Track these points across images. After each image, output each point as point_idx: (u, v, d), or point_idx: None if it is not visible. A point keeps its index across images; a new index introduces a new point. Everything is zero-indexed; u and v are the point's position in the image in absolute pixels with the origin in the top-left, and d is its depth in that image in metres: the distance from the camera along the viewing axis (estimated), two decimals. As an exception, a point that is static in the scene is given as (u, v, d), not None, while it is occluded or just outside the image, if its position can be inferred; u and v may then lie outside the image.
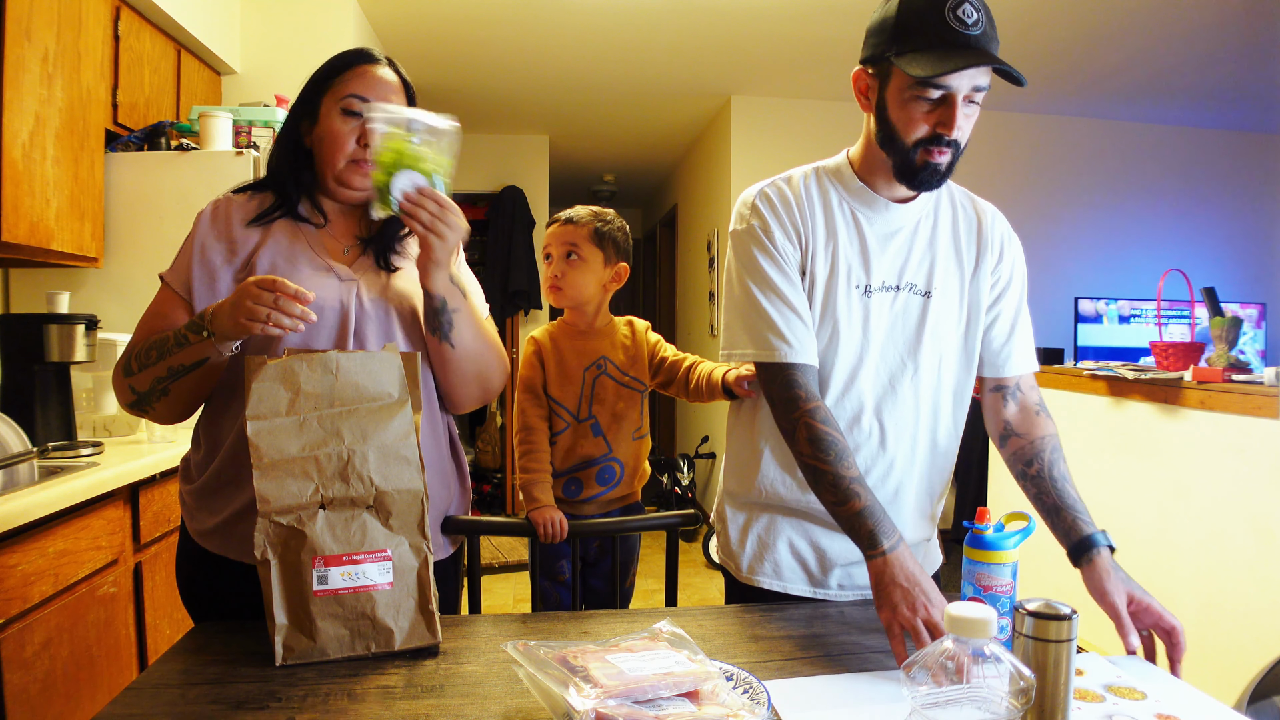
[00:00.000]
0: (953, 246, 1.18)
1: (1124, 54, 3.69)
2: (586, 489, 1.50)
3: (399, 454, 1.01)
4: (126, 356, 1.12)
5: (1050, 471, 1.15)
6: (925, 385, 1.17)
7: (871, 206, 1.15)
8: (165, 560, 1.96)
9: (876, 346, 1.15)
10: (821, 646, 1.03)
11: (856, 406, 1.16)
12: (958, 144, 1.05)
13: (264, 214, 1.17)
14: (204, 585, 1.15)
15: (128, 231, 2.39)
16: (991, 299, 1.20)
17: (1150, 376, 2.48)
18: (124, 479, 1.78)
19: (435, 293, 1.13)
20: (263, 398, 0.99)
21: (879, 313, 1.15)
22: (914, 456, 1.19)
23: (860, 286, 1.15)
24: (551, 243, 1.54)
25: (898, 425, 1.17)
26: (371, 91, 1.17)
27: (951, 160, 1.06)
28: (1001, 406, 1.23)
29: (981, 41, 1.01)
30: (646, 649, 0.86)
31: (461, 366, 1.20)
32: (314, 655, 0.96)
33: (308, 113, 1.19)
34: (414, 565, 1.01)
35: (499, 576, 3.95)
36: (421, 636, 1.00)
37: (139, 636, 1.88)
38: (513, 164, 5.32)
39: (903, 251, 1.16)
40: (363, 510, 0.99)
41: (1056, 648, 0.77)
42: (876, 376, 1.16)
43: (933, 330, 1.16)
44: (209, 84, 2.98)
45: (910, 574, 0.97)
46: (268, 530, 0.96)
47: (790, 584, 1.22)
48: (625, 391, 1.52)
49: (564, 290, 1.52)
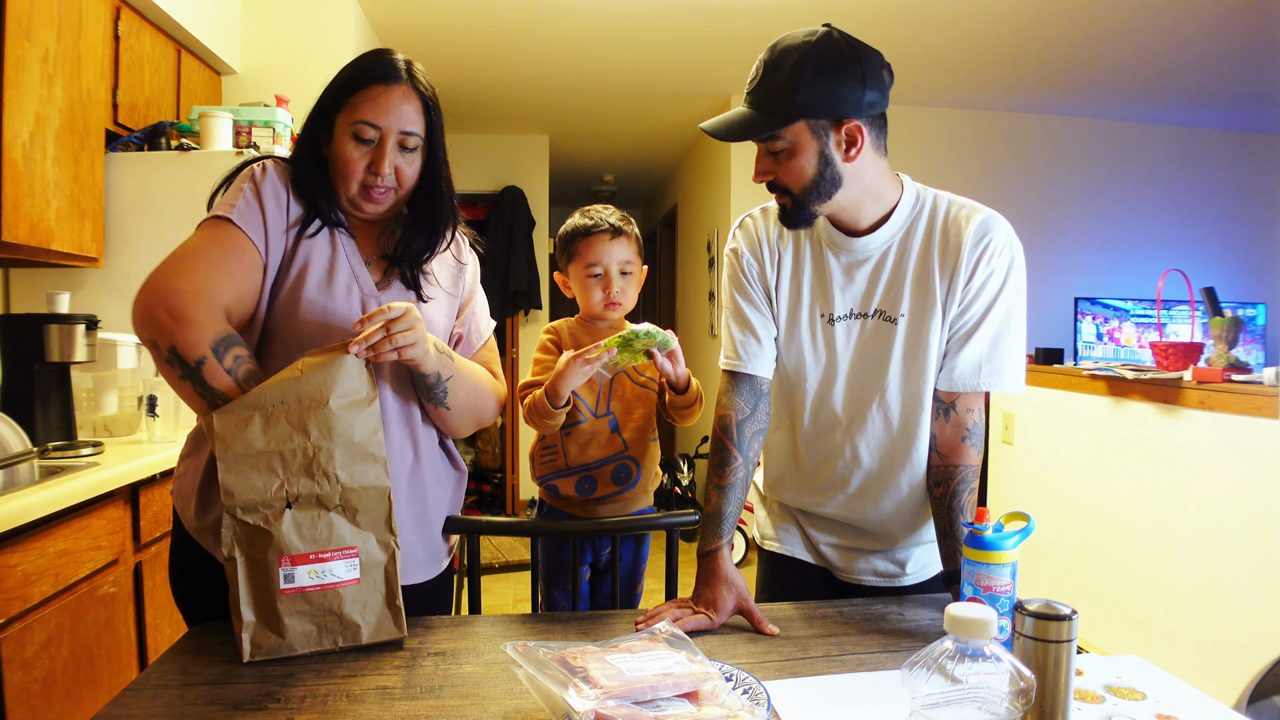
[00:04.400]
0: (924, 271, 1.16)
1: (1125, 54, 3.69)
2: (601, 487, 1.47)
3: (366, 451, 1.01)
4: (207, 356, 0.99)
5: (953, 501, 1.16)
6: (894, 408, 1.19)
7: (835, 239, 1.20)
8: (165, 560, 1.96)
9: (845, 371, 1.20)
10: (821, 647, 1.03)
11: (830, 425, 1.23)
12: (788, 190, 1.11)
13: (305, 217, 1.13)
14: (195, 587, 1.15)
15: (128, 231, 2.39)
16: (957, 313, 1.16)
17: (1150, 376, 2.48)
18: (124, 479, 1.78)
19: (429, 372, 1.11)
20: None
21: (845, 340, 1.20)
22: (891, 475, 1.22)
23: (824, 315, 1.21)
24: (604, 258, 1.46)
25: (870, 447, 1.21)
26: (385, 117, 1.10)
27: (789, 204, 1.12)
28: (934, 419, 1.20)
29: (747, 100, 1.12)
30: (646, 650, 0.86)
31: (458, 419, 1.20)
32: (282, 651, 0.97)
33: (324, 124, 1.14)
34: (381, 561, 1.02)
35: (499, 576, 3.95)
36: (388, 630, 1.02)
37: (139, 636, 1.87)
38: (513, 164, 5.32)
39: (871, 280, 1.19)
40: (329, 508, 0.99)
41: (1056, 648, 0.77)
42: (847, 399, 1.21)
43: (904, 354, 1.17)
44: (209, 84, 2.98)
45: (716, 575, 1.15)
46: (234, 528, 0.96)
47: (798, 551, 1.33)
48: (642, 392, 1.50)
49: (623, 304, 1.50)
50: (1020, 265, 1.17)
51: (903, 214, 1.17)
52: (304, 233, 1.12)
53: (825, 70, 1.04)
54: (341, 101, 1.12)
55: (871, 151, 1.11)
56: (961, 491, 1.16)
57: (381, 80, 1.11)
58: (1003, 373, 1.16)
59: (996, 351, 1.16)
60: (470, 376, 1.20)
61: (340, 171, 1.13)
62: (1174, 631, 2.38)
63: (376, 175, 1.11)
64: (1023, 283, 1.18)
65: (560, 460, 1.47)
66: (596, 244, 1.46)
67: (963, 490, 1.16)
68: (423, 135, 1.14)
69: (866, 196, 1.14)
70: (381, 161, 1.11)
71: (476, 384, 1.21)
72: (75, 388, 2.13)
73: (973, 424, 1.17)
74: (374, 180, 1.12)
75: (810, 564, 1.33)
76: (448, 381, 1.14)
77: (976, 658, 0.66)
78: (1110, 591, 2.64)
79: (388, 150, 1.11)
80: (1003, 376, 1.16)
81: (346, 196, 1.14)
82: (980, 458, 1.19)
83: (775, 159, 1.10)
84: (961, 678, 0.65)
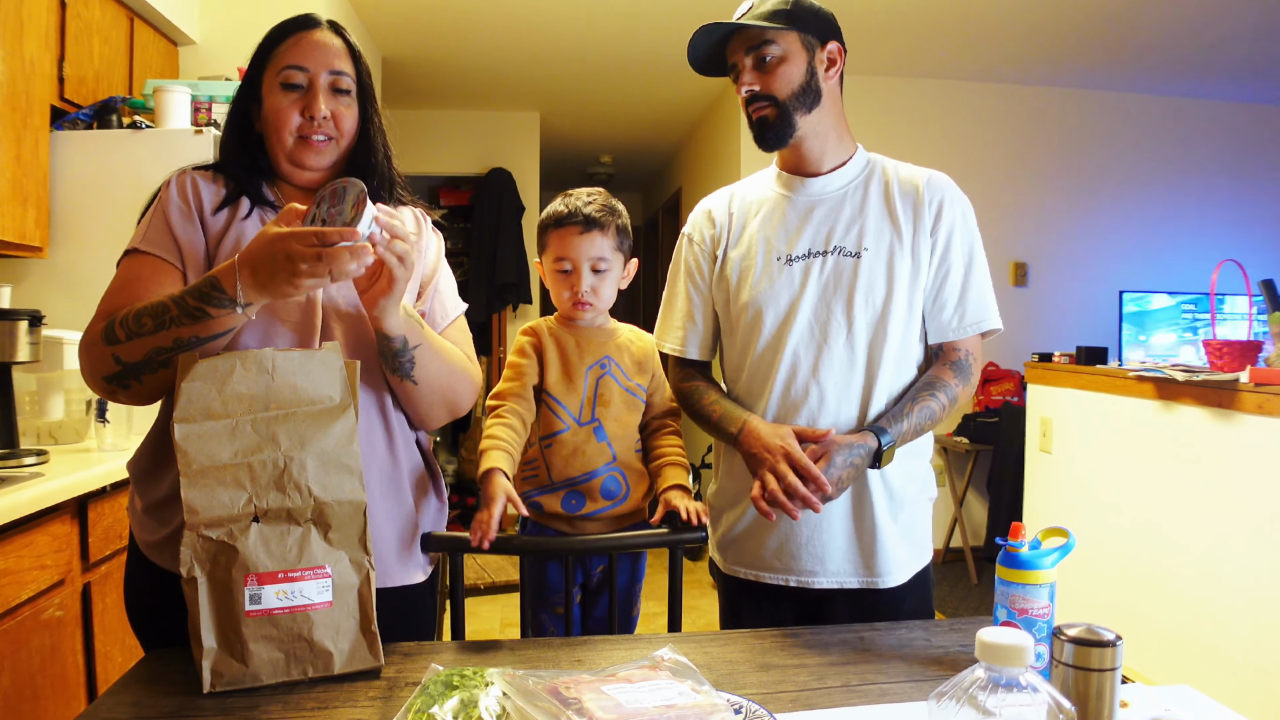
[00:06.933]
0: (884, 210, 1.38)
1: (1172, 23, 3.69)
2: (590, 502, 1.46)
3: (340, 462, 1.01)
4: (106, 323, 1.07)
5: (918, 392, 1.35)
6: (861, 341, 1.35)
7: (790, 185, 1.42)
8: (117, 581, 1.96)
9: (808, 307, 1.36)
10: (839, 675, 1.03)
11: (790, 368, 1.37)
12: (773, 98, 1.32)
13: (228, 200, 1.18)
14: (151, 609, 1.15)
15: (76, 218, 2.39)
16: (934, 264, 1.37)
17: (1203, 378, 2.48)
18: (71, 491, 1.78)
19: (394, 334, 1.11)
20: (192, 399, 0.99)
21: (804, 277, 1.37)
22: (856, 411, 1.36)
23: (781, 257, 1.38)
24: (573, 253, 1.45)
25: (836, 382, 1.35)
26: (310, 59, 1.16)
27: (773, 114, 1.33)
28: (922, 363, 1.42)
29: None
30: (646, 679, 0.86)
31: (428, 398, 1.21)
32: (245, 681, 0.96)
33: (252, 95, 1.20)
34: (354, 583, 1.02)
35: (484, 599, 3.95)
36: (363, 659, 1.01)
37: (88, 665, 1.87)
38: (500, 143, 5.32)
39: (829, 219, 1.39)
40: (300, 523, 0.99)
41: (1099, 677, 0.77)
42: (811, 336, 1.36)
43: (866, 288, 1.34)
44: (165, 56, 2.98)
45: (766, 443, 1.26)
46: (195, 545, 0.96)
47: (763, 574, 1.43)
48: (629, 399, 1.50)
49: (594, 305, 1.49)
50: (972, 212, 1.42)
51: (859, 164, 1.42)
52: (235, 216, 1.17)
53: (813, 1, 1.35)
54: (265, 61, 1.18)
55: (838, 86, 1.38)
56: (930, 385, 1.34)
57: (301, 27, 1.19)
58: (987, 314, 1.38)
59: (981, 295, 1.39)
60: (442, 351, 1.21)
61: (273, 126, 1.17)
62: (1229, 659, 2.38)
63: (312, 120, 1.16)
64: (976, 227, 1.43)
65: (543, 475, 1.46)
66: (567, 236, 1.46)
67: (932, 386, 1.34)
68: (354, 79, 1.20)
69: (832, 131, 1.38)
70: (315, 103, 1.16)
71: (448, 361, 1.22)
72: (17, 390, 2.13)
73: (957, 359, 1.38)
74: (310, 127, 1.16)
75: (779, 585, 1.41)
76: (415, 350, 1.15)
77: (1011, 688, 0.66)
78: (1158, 614, 2.64)
79: (320, 91, 1.17)
80: (988, 317, 1.38)
81: (285, 156, 1.18)
82: (963, 391, 1.37)
83: (762, 70, 1.32)
84: (994, 710, 0.65)
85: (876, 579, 1.37)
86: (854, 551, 1.37)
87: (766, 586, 1.42)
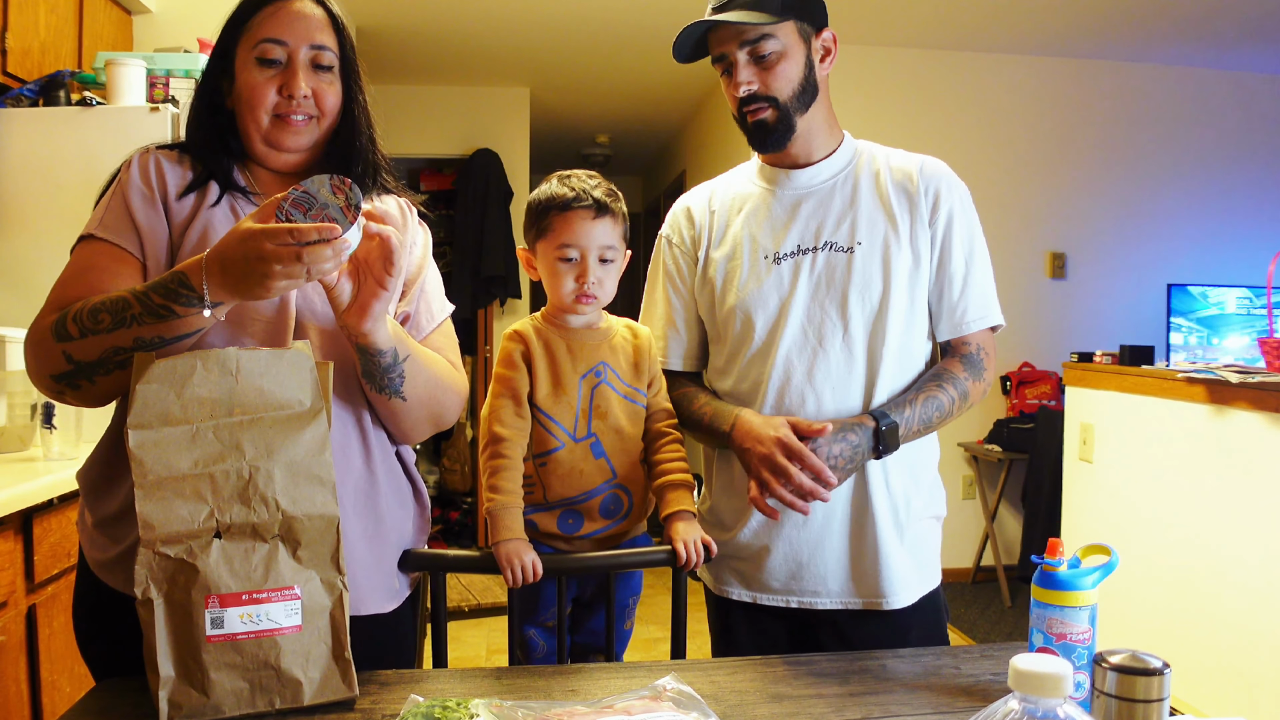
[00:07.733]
0: (877, 201, 1.39)
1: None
2: (588, 523, 1.46)
3: (310, 472, 1.01)
4: (58, 316, 1.06)
5: (926, 382, 1.37)
6: (858, 342, 1.36)
7: (773, 179, 1.43)
8: (65, 603, 1.96)
9: (799, 308, 1.37)
10: (859, 707, 1.03)
11: (783, 375, 1.37)
12: (774, 99, 1.32)
13: (195, 184, 1.17)
14: (102, 632, 1.15)
15: (20, 204, 2.39)
16: (935, 255, 1.39)
17: (1259, 380, 2.48)
18: (14, 504, 1.77)
19: (384, 347, 1.10)
20: (148, 403, 0.98)
21: (794, 276, 1.38)
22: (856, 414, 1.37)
23: (768, 255, 1.39)
24: (582, 240, 1.43)
25: (834, 387, 1.36)
26: (290, 32, 1.15)
27: (773, 116, 1.33)
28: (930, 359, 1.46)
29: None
30: (647, 710, 0.86)
31: (414, 414, 1.21)
32: (206, 713, 0.96)
33: (224, 69, 1.19)
34: (326, 605, 1.02)
35: (469, 622, 3.95)
36: (335, 689, 1.01)
37: (32, 695, 1.87)
38: (486, 122, 5.32)
39: (818, 213, 1.40)
40: (266, 540, 0.99)
41: (1145, 708, 0.77)
42: (804, 339, 1.37)
43: (861, 285, 1.35)
44: (118, 25, 2.98)
45: (759, 435, 1.28)
46: (151, 563, 0.96)
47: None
48: (629, 406, 1.49)
49: (598, 299, 1.49)
50: (970, 198, 1.43)
51: (846, 153, 1.43)
52: (203, 202, 1.16)
53: None
54: (238, 33, 1.17)
55: (828, 74, 1.38)
56: (938, 377, 1.37)
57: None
58: (992, 307, 1.41)
59: (986, 288, 1.41)
60: (428, 363, 1.21)
61: (248, 104, 1.16)
62: (1287, 689, 2.38)
63: (290, 99, 1.15)
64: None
65: (538, 494, 1.47)
66: (575, 221, 1.44)
67: (939, 377, 1.36)
68: (337, 54, 1.19)
69: (823, 124, 1.40)
70: (294, 81, 1.15)
71: (435, 372, 1.22)
72: (-45, 393, 2.13)
73: (968, 353, 1.40)
74: (289, 106, 1.15)
75: (777, 607, 1.43)
76: (404, 363, 1.14)
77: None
78: (1209, 640, 2.64)
79: (299, 67, 1.16)
80: (993, 310, 1.41)
81: (260, 137, 1.18)
82: (975, 387, 1.39)
83: (760, 66, 1.31)
84: None
85: (881, 600, 1.38)
86: (857, 570, 1.38)
87: (763, 607, 1.44)
